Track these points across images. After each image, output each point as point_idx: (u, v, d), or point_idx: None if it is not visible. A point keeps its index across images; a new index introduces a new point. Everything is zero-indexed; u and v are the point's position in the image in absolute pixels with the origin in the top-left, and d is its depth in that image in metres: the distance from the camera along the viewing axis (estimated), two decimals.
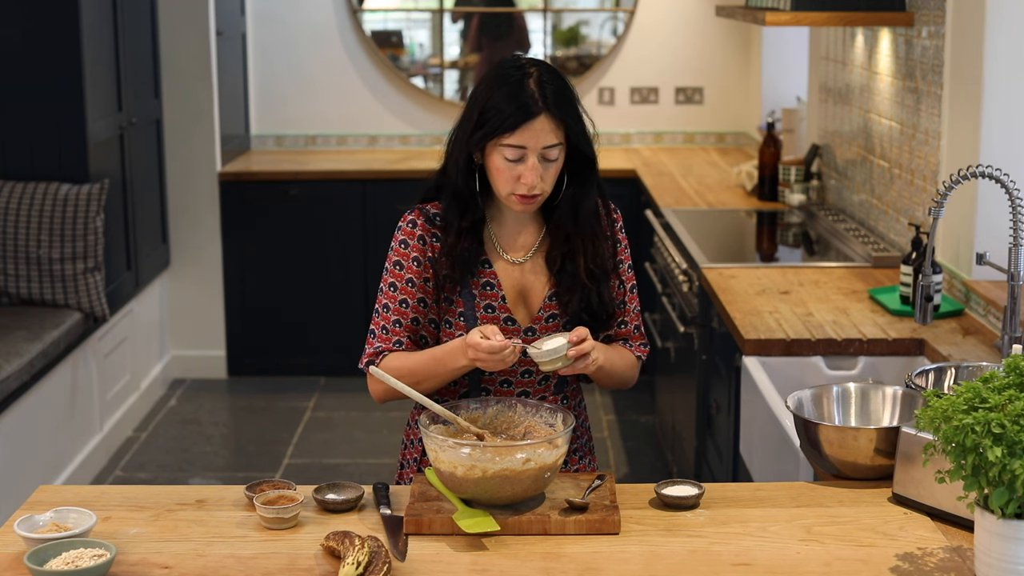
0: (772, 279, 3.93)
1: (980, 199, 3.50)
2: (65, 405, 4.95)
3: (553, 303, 2.49)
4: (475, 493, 2.18)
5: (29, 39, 4.92)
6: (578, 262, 2.47)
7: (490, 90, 2.39)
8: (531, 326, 2.48)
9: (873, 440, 2.32)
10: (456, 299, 2.46)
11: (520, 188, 2.38)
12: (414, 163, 6.35)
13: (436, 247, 2.46)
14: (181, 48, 6.07)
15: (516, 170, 2.38)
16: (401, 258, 2.47)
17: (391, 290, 2.47)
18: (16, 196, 4.89)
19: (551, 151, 2.38)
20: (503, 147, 2.37)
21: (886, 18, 4.13)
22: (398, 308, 2.46)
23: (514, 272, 2.50)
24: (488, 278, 2.47)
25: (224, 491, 2.35)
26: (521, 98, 2.35)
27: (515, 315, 2.47)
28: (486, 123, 2.38)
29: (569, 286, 2.47)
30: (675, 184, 5.68)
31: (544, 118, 2.35)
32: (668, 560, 2.07)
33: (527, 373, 2.49)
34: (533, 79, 2.37)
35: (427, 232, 2.47)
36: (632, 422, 5.63)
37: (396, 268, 2.47)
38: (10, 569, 2.03)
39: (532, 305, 2.49)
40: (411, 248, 2.47)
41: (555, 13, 6.86)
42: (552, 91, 2.37)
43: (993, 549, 1.92)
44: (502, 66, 2.42)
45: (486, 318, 2.45)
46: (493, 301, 2.47)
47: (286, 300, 6.29)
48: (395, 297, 2.47)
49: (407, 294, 2.46)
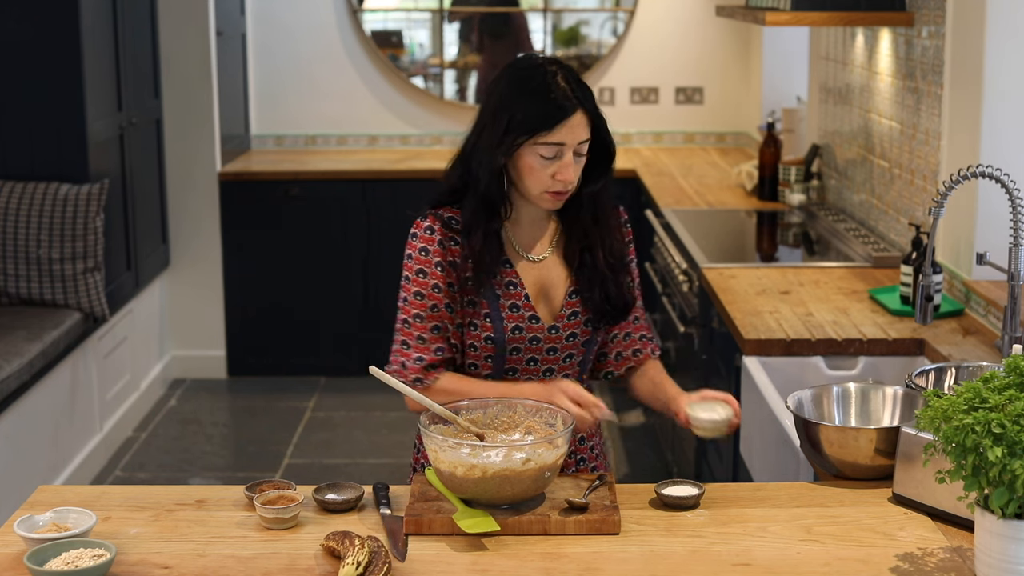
0: (772, 279, 3.93)
1: (980, 199, 3.50)
2: (65, 405, 4.95)
3: (574, 300, 2.50)
4: (475, 493, 2.18)
5: (29, 39, 4.92)
6: (597, 254, 2.49)
7: (514, 93, 2.39)
8: (554, 324, 2.48)
9: (873, 440, 2.32)
10: (480, 300, 2.45)
11: (556, 185, 2.39)
12: (414, 163, 6.35)
13: (455, 251, 2.45)
14: (181, 48, 6.07)
15: (551, 168, 2.38)
16: (424, 265, 2.45)
17: (418, 299, 2.45)
18: (16, 196, 4.89)
19: (583, 146, 2.40)
20: (539, 146, 2.37)
21: (886, 18, 4.13)
22: (431, 315, 2.45)
23: (534, 270, 2.50)
24: (510, 277, 2.47)
25: (224, 491, 2.35)
26: (555, 96, 2.36)
27: (538, 312, 2.48)
28: (519, 126, 2.37)
29: (590, 278, 2.49)
30: (675, 184, 5.68)
31: (579, 114, 2.37)
32: (668, 560, 2.07)
33: (552, 351, 2.49)
34: (560, 76, 2.38)
35: (445, 237, 2.46)
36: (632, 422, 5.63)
37: (420, 276, 2.45)
38: (10, 569, 2.03)
39: (554, 302, 2.50)
40: (432, 254, 2.45)
41: (555, 13, 6.86)
42: (579, 87, 2.40)
43: (993, 549, 1.92)
44: (518, 68, 2.42)
45: (511, 317, 2.45)
46: (517, 300, 2.47)
47: (286, 300, 6.29)
48: (424, 305, 2.45)
49: (435, 299, 2.45)
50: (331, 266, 6.27)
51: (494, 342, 2.45)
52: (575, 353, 2.52)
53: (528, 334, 2.46)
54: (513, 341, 2.46)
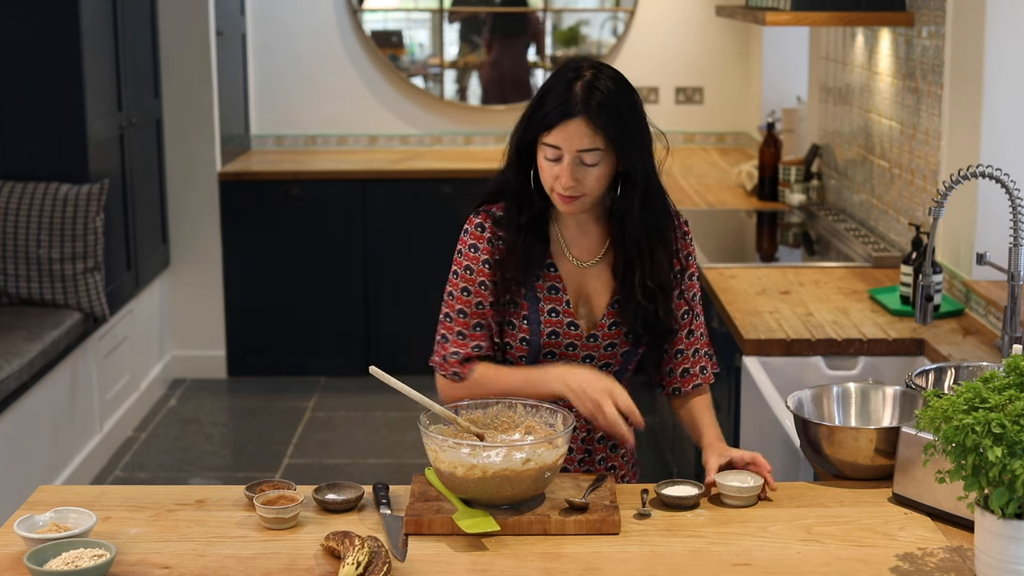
0: (772, 279, 3.93)
1: (980, 199, 3.50)
2: (65, 405, 4.95)
3: (615, 311, 2.48)
4: (475, 493, 2.18)
5: (29, 39, 4.92)
6: (635, 275, 2.45)
7: (541, 89, 2.40)
8: (593, 332, 2.47)
9: (873, 440, 2.32)
10: (521, 301, 2.46)
11: (557, 187, 2.39)
12: (414, 163, 6.35)
13: (503, 249, 2.45)
14: (181, 48, 6.07)
15: (554, 169, 2.38)
16: (471, 262, 2.46)
17: (464, 295, 2.46)
18: (16, 196, 4.89)
19: (587, 155, 2.35)
20: (544, 145, 2.38)
21: (886, 18, 4.13)
22: (476, 311, 2.46)
23: (578, 275, 2.49)
24: (553, 282, 2.47)
25: (224, 491, 2.35)
26: (564, 98, 2.35)
27: (578, 320, 2.47)
28: (531, 122, 2.39)
29: (627, 298, 2.46)
30: (675, 184, 5.68)
31: (581, 121, 2.33)
32: (668, 560, 2.07)
33: (589, 358, 2.48)
34: (583, 81, 2.35)
35: (494, 235, 2.46)
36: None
37: (467, 273, 2.46)
38: (10, 569, 2.03)
39: (595, 311, 2.48)
40: (481, 251, 2.46)
41: (555, 13, 6.87)
42: (599, 97, 2.34)
43: (993, 549, 1.92)
44: (563, 66, 2.43)
45: (549, 322, 2.45)
46: (557, 305, 2.46)
47: (286, 300, 6.29)
48: (469, 301, 2.46)
49: (481, 296, 2.46)
50: (331, 266, 6.27)
51: (529, 344, 2.46)
52: (612, 363, 2.50)
53: (565, 340, 2.46)
54: (548, 346, 2.46)
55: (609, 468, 2.56)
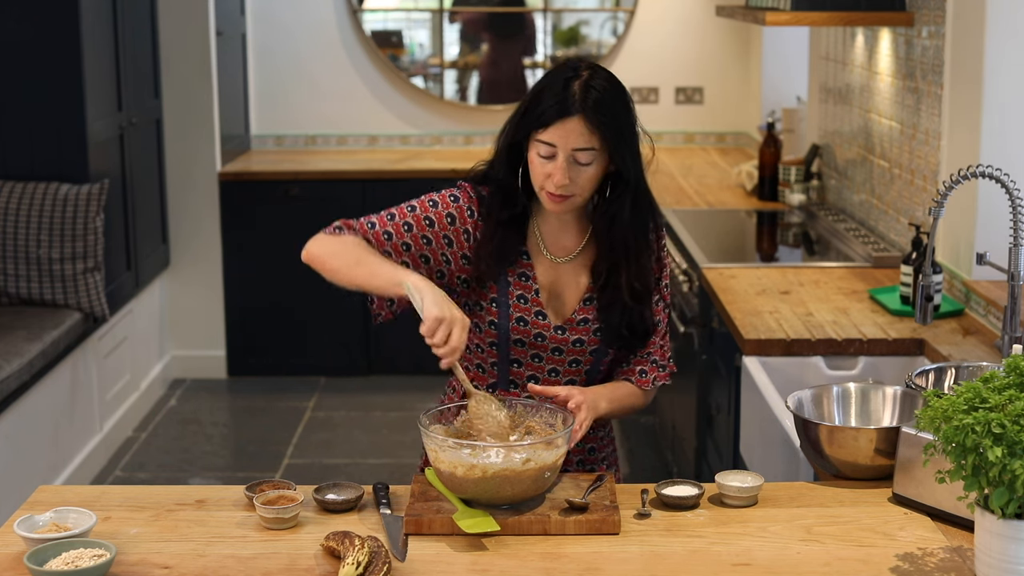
0: (772, 279, 3.93)
1: (980, 199, 3.50)
2: (65, 405, 4.95)
3: (588, 307, 2.47)
4: (475, 493, 2.18)
5: (29, 39, 4.92)
6: (621, 277, 2.45)
7: (541, 85, 2.40)
8: (562, 325, 2.47)
9: (873, 440, 2.32)
10: (490, 284, 2.46)
11: (548, 186, 2.38)
12: (414, 163, 6.35)
13: (479, 225, 2.45)
14: (181, 48, 6.07)
15: (547, 167, 2.38)
16: (436, 221, 2.44)
17: (409, 210, 2.45)
18: (16, 196, 4.89)
19: (582, 154, 2.36)
20: (538, 143, 2.38)
21: (886, 18, 4.13)
22: (399, 226, 2.44)
23: (552, 269, 2.49)
24: (525, 269, 2.47)
25: (224, 491, 2.35)
26: (561, 96, 2.35)
27: (546, 310, 2.47)
28: (525, 118, 2.40)
29: (611, 301, 2.45)
30: (675, 184, 5.68)
31: (578, 120, 2.34)
32: (668, 560, 2.07)
33: (557, 351, 2.48)
34: (581, 80, 2.36)
35: (473, 203, 2.46)
36: (632, 422, 5.63)
37: (425, 223, 2.44)
38: (10, 569, 2.03)
39: (566, 306, 2.48)
40: (455, 211, 2.44)
41: (555, 13, 6.86)
42: (596, 97, 2.35)
43: (993, 549, 1.92)
44: (560, 65, 2.44)
45: (518, 307, 2.45)
46: (527, 292, 2.46)
47: (286, 300, 6.29)
48: (407, 214, 2.45)
49: (418, 225, 2.43)
50: None
51: (497, 328, 2.46)
52: (581, 360, 2.50)
53: (533, 329, 2.46)
54: (517, 332, 2.45)
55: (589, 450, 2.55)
